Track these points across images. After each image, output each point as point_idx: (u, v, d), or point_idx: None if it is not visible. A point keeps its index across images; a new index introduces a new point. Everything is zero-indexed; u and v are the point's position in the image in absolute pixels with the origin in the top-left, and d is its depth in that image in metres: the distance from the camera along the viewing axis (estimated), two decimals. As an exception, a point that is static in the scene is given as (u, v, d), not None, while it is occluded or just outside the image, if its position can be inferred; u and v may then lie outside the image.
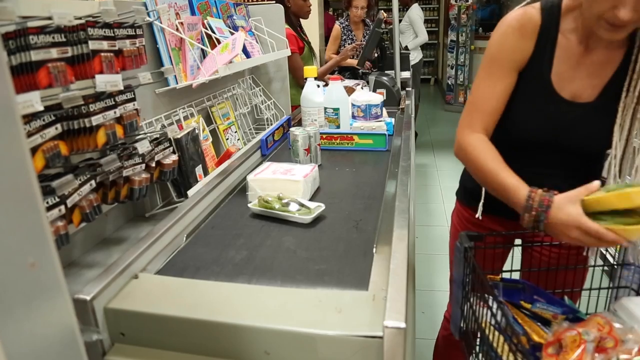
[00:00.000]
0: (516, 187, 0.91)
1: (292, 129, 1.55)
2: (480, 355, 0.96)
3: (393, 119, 2.01)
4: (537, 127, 1.03)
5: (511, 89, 1.01)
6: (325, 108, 1.84)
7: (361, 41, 3.61)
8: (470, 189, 1.24)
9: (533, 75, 1.00)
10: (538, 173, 0.99)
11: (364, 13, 3.60)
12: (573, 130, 1.00)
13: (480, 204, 1.19)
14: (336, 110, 1.82)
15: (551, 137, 1.03)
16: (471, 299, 0.98)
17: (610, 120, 0.96)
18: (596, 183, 0.84)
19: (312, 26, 3.87)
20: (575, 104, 0.99)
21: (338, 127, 1.84)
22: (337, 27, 3.68)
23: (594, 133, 0.99)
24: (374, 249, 1.01)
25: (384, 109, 1.99)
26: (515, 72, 1.01)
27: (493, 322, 0.91)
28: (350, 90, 2.21)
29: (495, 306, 0.96)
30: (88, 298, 0.80)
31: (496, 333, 0.91)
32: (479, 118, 1.03)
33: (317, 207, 1.15)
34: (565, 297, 1.04)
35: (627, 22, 0.81)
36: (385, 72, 2.91)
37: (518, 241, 1.30)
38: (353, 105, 1.91)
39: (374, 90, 2.56)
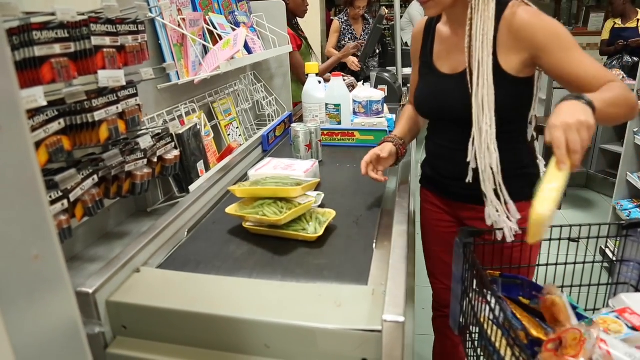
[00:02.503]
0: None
1: (293, 125, 1.56)
2: (479, 350, 0.97)
3: (394, 116, 2.01)
4: (426, 98, 1.27)
5: (417, 73, 1.31)
6: (327, 104, 1.84)
7: (361, 36, 3.60)
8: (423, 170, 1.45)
9: (423, 59, 1.27)
10: (444, 146, 1.25)
11: (364, 9, 3.60)
12: (451, 98, 1.17)
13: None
14: (337, 106, 1.83)
15: (435, 105, 1.23)
16: (470, 295, 0.98)
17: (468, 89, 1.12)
18: None
19: (312, 24, 3.86)
20: (449, 75, 1.19)
21: (339, 123, 1.84)
22: (336, 22, 3.67)
23: (464, 99, 1.11)
24: (374, 244, 1.02)
25: (385, 105, 1.99)
26: (416, 62, 1.32)
27: (492, 317, 0.92)
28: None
29: (493, 301, 0.97)
30: (90, 291, 0.81)
31: (495, 328, 0.91)
32: (410, 95, 1.42)
33: (320, 196, 1.17)
34: (564, 294, 1.05)
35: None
36: (387, 68, 2.91)
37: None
38: (354, 101, 1.91)
39: (376, 87, 2.57)
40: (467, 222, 1.29)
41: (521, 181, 1.16)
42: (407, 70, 3.21)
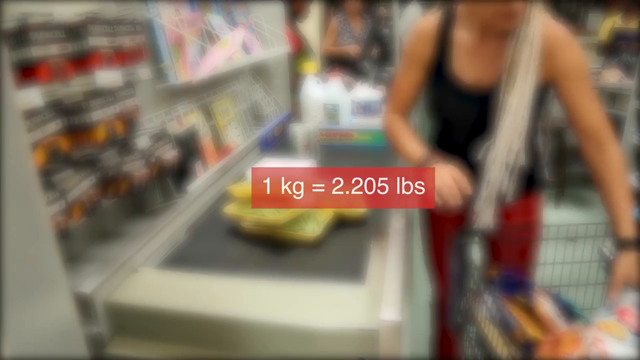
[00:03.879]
0: (413, 150, 1.17)
1: (292, 125, 1.56)
2: (476, 349, 0.97)
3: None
4: (449, 109, 1.22)
5: (420, 80, 1.23)
6: (325, 104, 1.84)
7: (360, 35, 3.60)
8: None
9: (439, 68, 1.19)
10: (460, 145, 1.19)
11: (359, 6, 3.58)
12: (477, 109, 1.15)
13: None
14: (335, 106, 1.83)
15: (458, 114, 1.20)
16: (467, 293, 0.99)
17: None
18: None
19: (311, 25, 3.86)
20: (475, 86, 1.16)
21: (337, 123, 1.84)
22: (334, 21, 3.66)
23: (491, 110, 1.12)
24: (371, 244, 1.02)
25: (383, 105, 1.99)
26: (420, 67, 1.21)
27: (488, 315, 0.92)
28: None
29: (490, 300, 0.97)
30: (88, 292, 0.81)
31: (491, 327, 0.92)
32: (395, 103, 1.30)
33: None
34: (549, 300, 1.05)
35: (521, 12, 1.01)
36: (386, 68, 2.91)
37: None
38: (353, 101, 1.91)
39: (374, 87, 2.57)
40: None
41: (523, 180, 1.17)
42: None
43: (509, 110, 1.08)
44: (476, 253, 1.37)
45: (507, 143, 1.10)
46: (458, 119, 1.22)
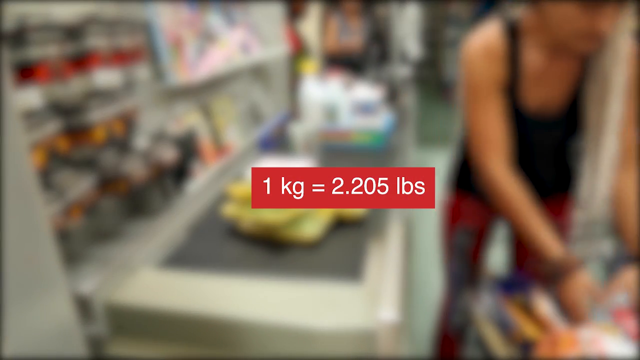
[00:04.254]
0: (548, 243, 0.99)
1: (290, 124, 1.56)
2: (475, 348, 0.98)
3: (391, 116, 2.01)
4: (516, 146, 1.08)
5: (504, 110, 1.04)
6: (324, 104, 1.84)
7: (359, 33, 3.59)
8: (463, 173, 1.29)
9: (508, 95, 1.04)
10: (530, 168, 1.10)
11: (358, 5, 3.58)
12: (544, 134, 1.08)
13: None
14: (334, 106, 1.83)
15: (524, 146, 1.09)
16: (467, 293, 0.99)
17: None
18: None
19: (310, 23, 3.86)
20: (539, 113, 1.05)
21: (336, 123, 1.84)
22: (332, 21, 3.66)
23: (561, 136, 1.09)
24: (370, 244, 1.02)
25: (382, 105, 1.99)
26: (500, 93, 1.03)
27: (487, 315, 0.92)
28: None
29: (489, 300, 0.98)
30: (88, 292, 0.81)
31: (490, 326, 0.92)
32: (493, 148, 1.05)
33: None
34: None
35: (607, 32, 0.87)
36: (385, 68, 2.91)
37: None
38: (352, 101, 1.91)
39: (373, 87, 2.57)
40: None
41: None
42: (405, 70, 3.20)
43: (604, 137, 0.99)
44: (499, 255, 1.36)
45: (606, 176, 1.00)
46: (526, 148, 1.10)
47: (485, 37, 1.03)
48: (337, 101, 1.83)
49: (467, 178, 1.28)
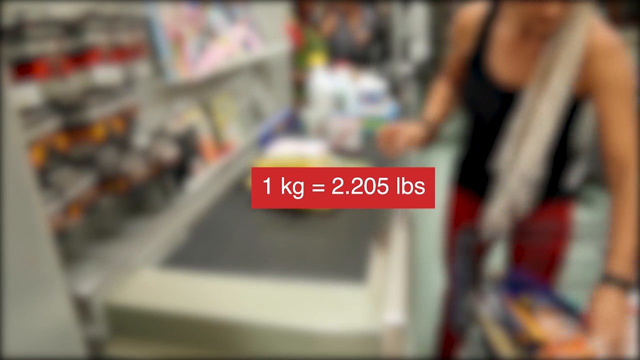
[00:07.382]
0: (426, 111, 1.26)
1: (303, 110, 1.68)
2: (480, 348, 0.97)
3: (395, 109, 2.09)
4: (482, 103, 1.17)
5: (460, 62, 1.23)
6: (332, 94, 1.92)
7: (358, 31, 3.57)
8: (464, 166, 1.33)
9: (473, 60, 1.16)
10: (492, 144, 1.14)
11: (358, 5, 3.56)
12: (506, 107, 1.10)
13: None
14: (342, 95, 1.92)
15: (489, 111, 1.15)
16: (471, 294, 0.98)
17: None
18: None
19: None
20: (508, 85, 1.10)
21: (344, 112, 1.93)
22: (331, 18, 3.64)
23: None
24: (374, 244, 1.01)
25: (386, 95, 2.12)
26: (460, 55, 1.21)
27: (493, 316, 0.91)
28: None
29: (495, 301, 0.97)
30: (87, 292, 0.80)
31: (495, 327, 0.91)
32: (450, 70, 1.32)
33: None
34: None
35: (555, 16, 0.94)
36: (386, 65, 2.90)
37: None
38: (359, 91, 2.01)
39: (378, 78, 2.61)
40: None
41: (543, 189, 1.12)
42: (405, 68, 3.19)
43: (537, 117, 1.02)
44: (498, 255, 1.35)
45: (529, 152, 1.04)
46: (488, 115, 1.17)
47: (468, 10, 1.19)
48: (345, 91, 1.94)
49: (470, 176, 1.27)
